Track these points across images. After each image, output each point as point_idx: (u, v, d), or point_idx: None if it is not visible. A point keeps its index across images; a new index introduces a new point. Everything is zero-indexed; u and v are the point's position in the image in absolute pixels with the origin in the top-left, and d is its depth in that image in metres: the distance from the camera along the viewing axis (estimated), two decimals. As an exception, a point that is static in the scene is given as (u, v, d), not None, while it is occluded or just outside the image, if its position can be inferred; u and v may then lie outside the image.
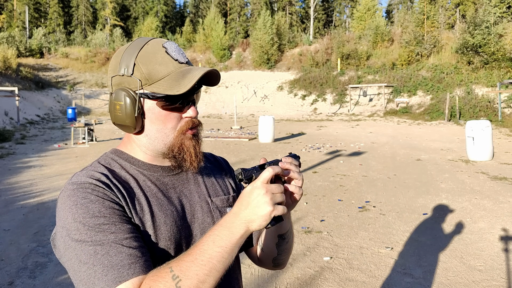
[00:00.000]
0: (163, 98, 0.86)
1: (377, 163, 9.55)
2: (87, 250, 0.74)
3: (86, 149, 12.61)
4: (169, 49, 0.88)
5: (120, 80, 0.87)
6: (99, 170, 0.86)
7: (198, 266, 0.72)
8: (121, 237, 0.77)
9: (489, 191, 6.62)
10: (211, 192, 0.99)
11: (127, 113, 0.86)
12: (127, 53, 0.87)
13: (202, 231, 0.93)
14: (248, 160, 10.11)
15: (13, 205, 6.11)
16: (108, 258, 0.74)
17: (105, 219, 0.77)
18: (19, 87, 25.54)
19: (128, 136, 0.94)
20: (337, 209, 5.74)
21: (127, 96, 0.85)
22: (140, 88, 0.86)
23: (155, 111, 0.87)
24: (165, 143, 0.89)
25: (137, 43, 0.89)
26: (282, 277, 3.57)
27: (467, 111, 21.36)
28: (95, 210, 0.77)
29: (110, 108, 0.89)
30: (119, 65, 0.87)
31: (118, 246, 0.75)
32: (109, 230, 0.76)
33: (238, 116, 25.92)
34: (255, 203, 0.75)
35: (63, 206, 0.79)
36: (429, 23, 30.31)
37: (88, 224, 0.76)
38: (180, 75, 0.85)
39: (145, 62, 0.85)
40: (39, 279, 3.58)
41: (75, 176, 0.85)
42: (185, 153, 0.89)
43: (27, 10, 53.52)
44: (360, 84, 28.21)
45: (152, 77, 0.85)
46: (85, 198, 0.79)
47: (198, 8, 63.83)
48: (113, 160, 0.91)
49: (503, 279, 3.50)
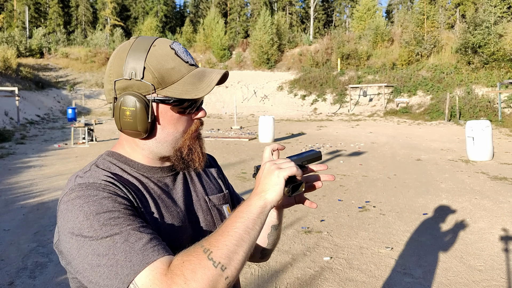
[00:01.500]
0: (177, 102, 0.84)
1: (377, 163, 9.55)
2: (105, 242, 0.70)
3: (86, 149, 12.61)
4: (178, 51, 0.85)
5: (126, 84, 0.83)
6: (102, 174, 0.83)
7: (226, 238, 0.72)
8: (138, 225, 0.74)
9: (489, 191, 6.62)
10: (207, 190, 1.00)
11: (139, 119, 0.82)
12: (133, 55, 0.83)
13: (205, 230, 0.93)
14: (248, 160, 10.11)
15: (13, 205, 6.11)
16: (129, 245, 0.70)
17: (119, 213, 0.74)
18: (19, 87, 25.53)
19: (127, 139, 0.90)
20: (337, 209, 5.74)
21: (139, 101, 0.82)
22: (153, 92, 0.83)
23: (167, 115, 0.85)
24: (173, 146, 0.88)
25: (141, 44, 0.84)
26: (282, 277, 3.57)
27: (467, 111, 21.36)
28: (108, 205, 0.74)
29: (116, 114, 0.84)
30: (123, 67, 0.83)
31: (136, 233, 0.72)
32: (125, 222, 0.73)
33: (238, 116, 25.92)
34: (264, 176, 0.80)
35: (71, 207, 0.75)
36: (429, 23, 30.30)
37: (102, 218, 0.72)
38: (195, 78, 0.84)
39: (156, 65, 0.82)
40: (39, 279, 3.58)
41: (78, 178, 0.81)
42: (193, 154, 0.90)
43: (27, 10, 53.53)
44: (360, 84, 28.21)
45: (165, 80, 0.82)
46: (96, 195, 0.76)
47: (198, 8, 63.85)
48: (111, 163, 0.88)
49: (503, 279, 3.50)
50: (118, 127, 0.86)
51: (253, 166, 0.87)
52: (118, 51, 0.86)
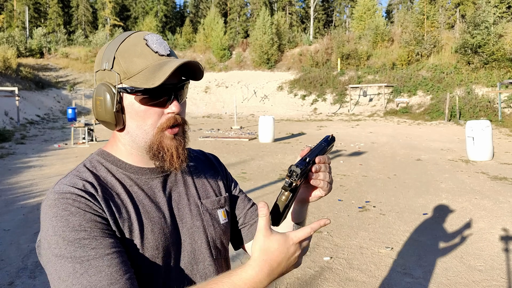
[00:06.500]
0: (141, 92, 0.82)
1: (377, 163, 9.55)
2: (66, 267, 0.71)
3: (86, 149, 12.61)
4: (150, 41, 0.84)
5: (102, 75, 0.85)
6: (84, 177, 0.82)
7: None
8: (102, 252, 0.73)
9: (489, 191, 6.62)
10: (201, 194, 0.96)
11: (107, 108, 0.83)
12: (109, 47, 0.85)
13: (191, 236, 0.90)
14: (248, 160, 10.11)
15: (13, 205, 6.11)
16: (87, 278, 0.71)
17: (86, 233, 0.73)
18: (19, 87, 25.53)
19: (114, 135, 0.90)
20: (337, 209, 5.74)
21: (106, 91, 0.82)
22: (119, 82, 0.82)
23: (134, 106, 0.83)
24: (145, 140, 0.85)
25: (120, 37, 0.86)
26: (282, 277, 3.57)
27: (467, 111, 21.36)
28: (75, 223, 0.74)
29: (92, 104, 0.86)
30: (101, 59, 0.85)
31: (98, 264, 0.72)
32: (90, 245, 0.73)
33: (238, 116, 25.91)
34: (289, 263, 0.73)
35: (45, 217, 0.76)
36: (429, 23, 30.30)
37: (67, 238, 0.72)
38: (157, 67, 0.81)
39: (124, 55, 0.82)
40: (39, 279, 3.58)
41: (58, 184, 0.81)
42: (164, 153, 0.85)
43: (27, 10, 53.52)
44: (360, 84, 28.21)
45: (130, 70, 0.82)
46: (65, 210, 0.75)
47: (198, 8, 63.83)
48: (99, 162, 0.87)
49: (503, 279, 3.49)
50: (95, 116, 0.87)
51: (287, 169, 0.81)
52: (103, 46, 0.90)
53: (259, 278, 0.70)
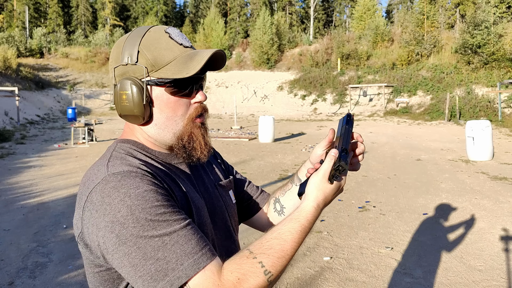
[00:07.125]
0: (172, 84, 0.83)
1: (377, 163, 9.55)
2: (153, 242, 0.70)
3: (86, 149, 12.61)
4: (173, 34, 0.86)
5: (124, 70, 0.85)
6: (131, 160, 0.81)
7: (276, 245, 0.77)
8: (184, 224, 0.74)
9: (489, 191, 6.62)
10: (215, 177, 1.01)
11: (135, 102, 0.82)
12: (129, 42, 0.85)
13: (218, 216, 0.94)
14: (248, 160, 10.11)
15: (13, 205, 6.11)
16: (179, 247, 0.71)
17: (165, 208, 0.73)
18: (19, 87, 25.52)
19: (132, 128, 0.89)
20: (337, 209, 5.74)
21: (134, 84, 0.82)
22: (147, 75, 0.83)
23: (163, 98, 0.84)
24: (174, 132, 0.86)
25: (138, 31, 0.87)
26: (282, 277, 3.57)
27: (467, 111, 21.36)
28: (152, 199, 0.73)
29: (115, 100, 0.86)
30: (121, 54, 0.85)
31: (185, 233, 0.72)
32: (172, 218, 0.73)
33: (238, 116, 25.91)
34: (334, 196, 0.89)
35: (110, 200, 0.72)
36: (429, 23, 30.30)
37: (149, 215, 0.71)
38: (187, 58, 0.83)
39: (150, 48, 0.83)
40: (39, 279, 3.58)
41: (111, 167, 0.78)
42: (194, 142, 0.87)
43: (27, 10, 53.52)
44: (360, 84, 28.21)
45: (158, 62, 0.83)
46: (137, 188, 0.73)
47: (198, 8, 63.84)
48: (131, 149, 0.86)
49: (503, 279, 3.50)
50: (118, 112, 0.87)
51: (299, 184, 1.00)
52: (118, 41, 0.90)
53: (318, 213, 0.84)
